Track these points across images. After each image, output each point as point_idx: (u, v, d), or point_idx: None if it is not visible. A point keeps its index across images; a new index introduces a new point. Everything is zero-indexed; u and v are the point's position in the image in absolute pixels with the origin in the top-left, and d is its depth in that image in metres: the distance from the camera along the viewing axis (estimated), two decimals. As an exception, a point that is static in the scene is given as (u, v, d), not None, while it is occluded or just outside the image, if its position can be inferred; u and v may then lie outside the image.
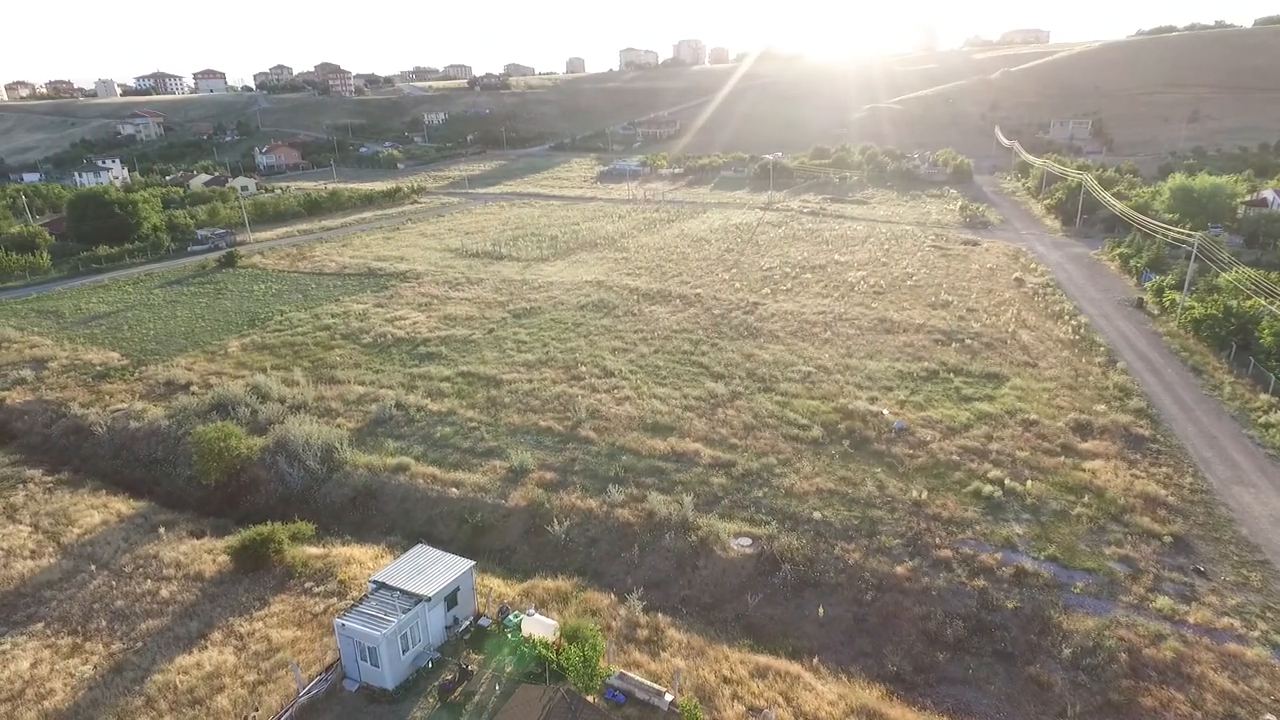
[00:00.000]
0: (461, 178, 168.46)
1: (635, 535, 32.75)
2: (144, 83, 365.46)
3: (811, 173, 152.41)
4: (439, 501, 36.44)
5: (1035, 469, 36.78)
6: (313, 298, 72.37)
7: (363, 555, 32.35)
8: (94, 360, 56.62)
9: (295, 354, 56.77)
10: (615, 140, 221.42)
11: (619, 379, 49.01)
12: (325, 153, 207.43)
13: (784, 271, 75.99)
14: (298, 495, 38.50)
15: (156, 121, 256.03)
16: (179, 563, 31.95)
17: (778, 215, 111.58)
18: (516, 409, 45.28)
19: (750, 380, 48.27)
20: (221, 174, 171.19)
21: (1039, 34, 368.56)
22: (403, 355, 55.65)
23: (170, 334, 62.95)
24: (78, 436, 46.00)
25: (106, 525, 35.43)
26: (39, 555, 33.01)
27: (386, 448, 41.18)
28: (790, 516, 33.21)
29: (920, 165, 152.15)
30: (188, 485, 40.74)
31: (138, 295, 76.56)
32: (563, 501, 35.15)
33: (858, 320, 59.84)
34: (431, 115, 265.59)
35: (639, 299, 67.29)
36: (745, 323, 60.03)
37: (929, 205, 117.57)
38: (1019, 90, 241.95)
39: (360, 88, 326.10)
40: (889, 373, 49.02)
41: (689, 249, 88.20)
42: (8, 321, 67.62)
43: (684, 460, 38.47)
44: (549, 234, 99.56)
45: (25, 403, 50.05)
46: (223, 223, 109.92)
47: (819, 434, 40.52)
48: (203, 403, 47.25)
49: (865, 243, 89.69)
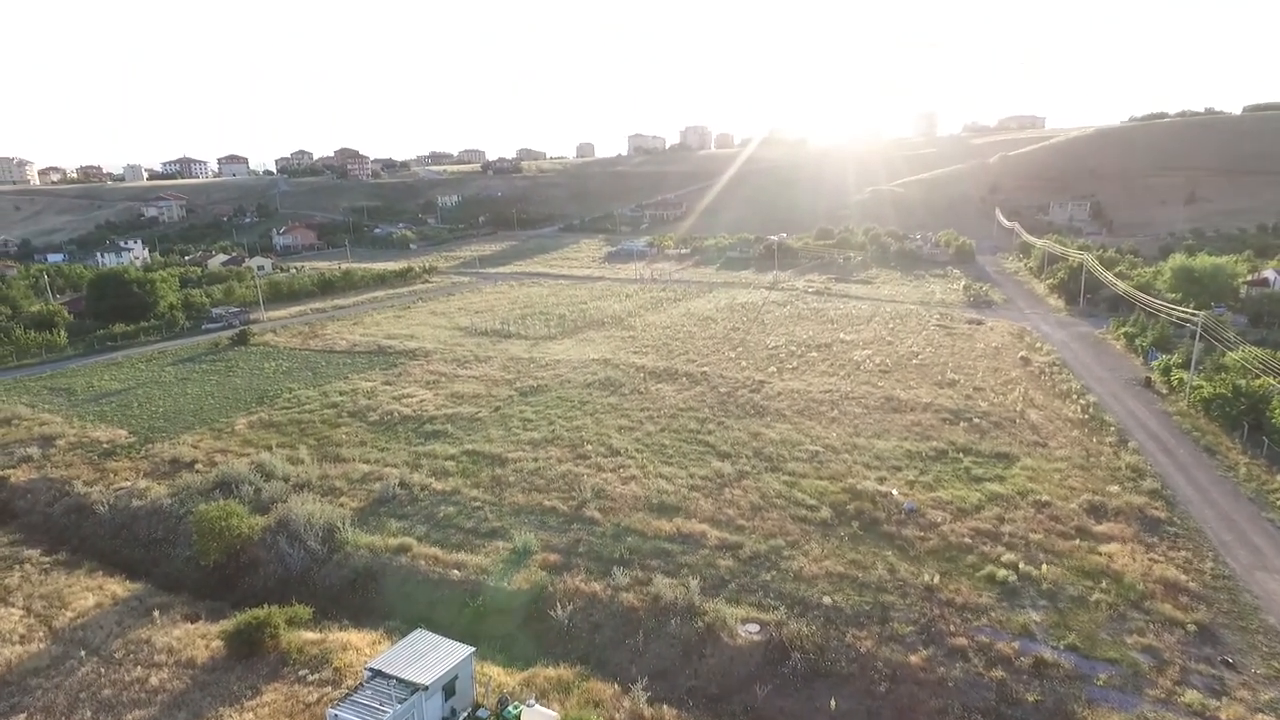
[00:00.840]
0: (473, 258, 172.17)
1: (640, 621, 31.83)
2: (170, 167, 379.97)
3: (816, 253, 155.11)
4: (440, 584, 35.68)
5: (1050, 552, 35.88)
6: (322, 375, 72.94)
7: (360, 641, 31.47)
8: (101, 438, 56.76)
9: (301, 432, 56.81)
10: (623, 221, 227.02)
11: (625, 458, 48.68)
12: (341, 233, 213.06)
13: (790, 350, 76.39)
14: (297, 577, 37.80)
15: (179, 204, 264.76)
16: (171, 648, 31.11)
17: (783, 294, 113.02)
18: (521, 488, 44.85)
19: (757, 459, 47.85)
20: (239, 254, 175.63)
21: (1034, 120, 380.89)
22: (408, 433, 55.60)
23: (179, 411, 63.26)
24: (79, 515, 45.67)
25: (100, 608, 34.73)
26: (29, 640, 32.25)
27: (389, 528, 40.65)
28: (799, 601, 32.30)
29: (923, 246, 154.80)
30: (186, 566, 40.11)
31: (150, 373, 77.37)
32: (566, 585, 34.36)
33: (864, 399, 59.70)
34: (445, 197, 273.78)
35: (645, 377, 67.52)
36: (752, 401, 59.97)
37: (933, 285, 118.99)
38: (1017, 174, 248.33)
39: (377, 171, 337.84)
40: (897, 452, 48.56)
41: (695, 327, 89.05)
42: (20, 399, 68.24)
43: (690, 541, 37.76)
44: (557, 313, 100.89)
45: (29, 481, 49.96)
46: (238, 301, 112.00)
47: (828, 515, 39.85)
48: (206, 481, 47.04)
49: (870, 322, 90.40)
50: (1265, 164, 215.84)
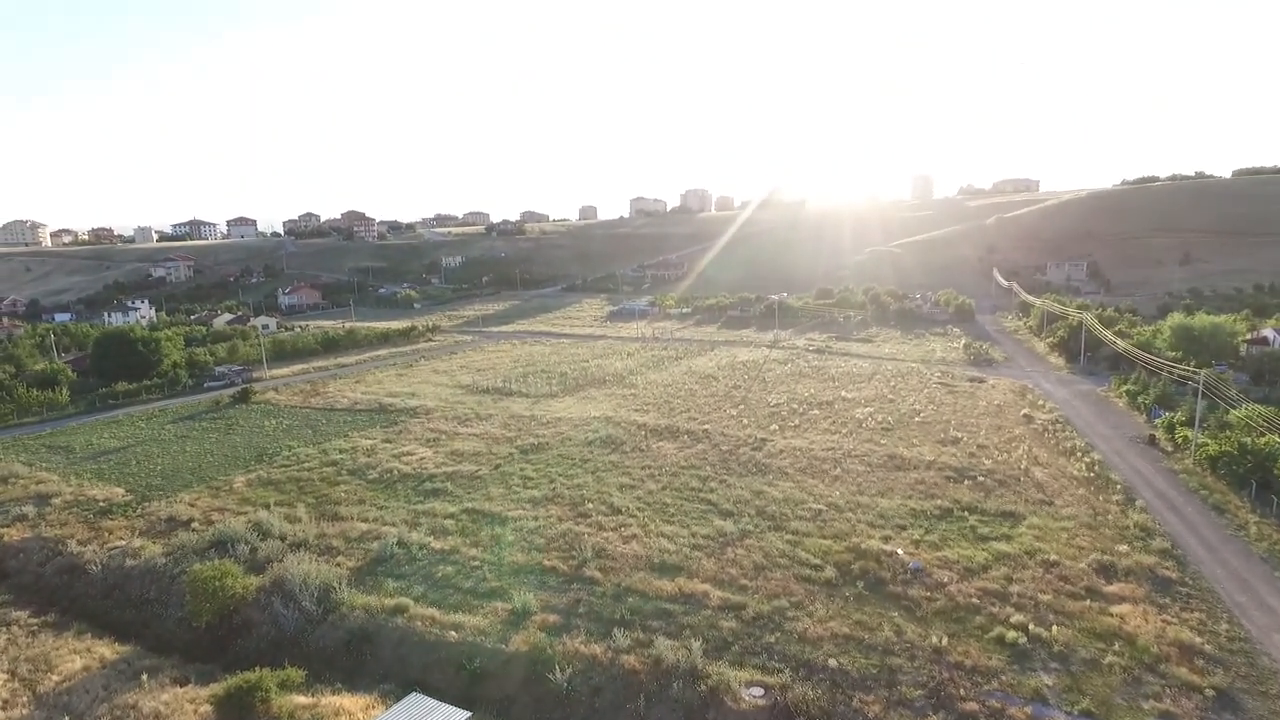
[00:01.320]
0: (476, 316, 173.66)
1: (641, 684, 30.93)
2: (180, 229, 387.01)
3: (816, 312, 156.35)
4: (437, 646, 34.82)
5: (1060, 613, 35.07)
6: (322, 433, 72.73)
7: (353, 705, 30.54)
8: (98, 496, 56.30)
9: (300, 490, 56.36)
10: (625, 281, 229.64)
11: (626, 516, 48.11)
12: (346, 293, 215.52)
13: (791, 408, 76.26)
14: (291, 638, 36.95)
15: (187, 265, 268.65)
16: (158, 714, 30.21)
17: (784, 353, 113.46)
18: (520, 547, 44.20)
19: (760, 518, 47.26)
20: (244, 313, 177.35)
21: (1029, 183, 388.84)
22: (408, 491, 55.13)
23: (177, 470, 62.89)
24: (70, 575, 44.96)
25: (88, 672, 33.87)
26: (11, 706, 31.36)
27: (386, 588, 39.91)
28: (804, 664, 31.44)
29: (923, 305, 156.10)
30: (177, 627, 39.27)
31: (150, 430, 77.23)
32: (566, 647, 33.51)
33: (867, 457, 59.31)
34: (449, 258, 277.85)
35: (647, 435, 67.26)
36: (754, 459, 59.58)
37: (933, 343, 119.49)
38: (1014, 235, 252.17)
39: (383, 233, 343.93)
40: (901, 511, 47.97)
41: (697, 386, 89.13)
42: (18, 457, 67.95)
43: (692, 602, 36.99)
44: (559, 371, 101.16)
45: (22, 540, 49.36)
46: (241, 360, 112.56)
47: (832, 575, 39.13)
48: (202, 540, 46.45)
49: (871, 380, 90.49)
50: (1258, 225, 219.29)
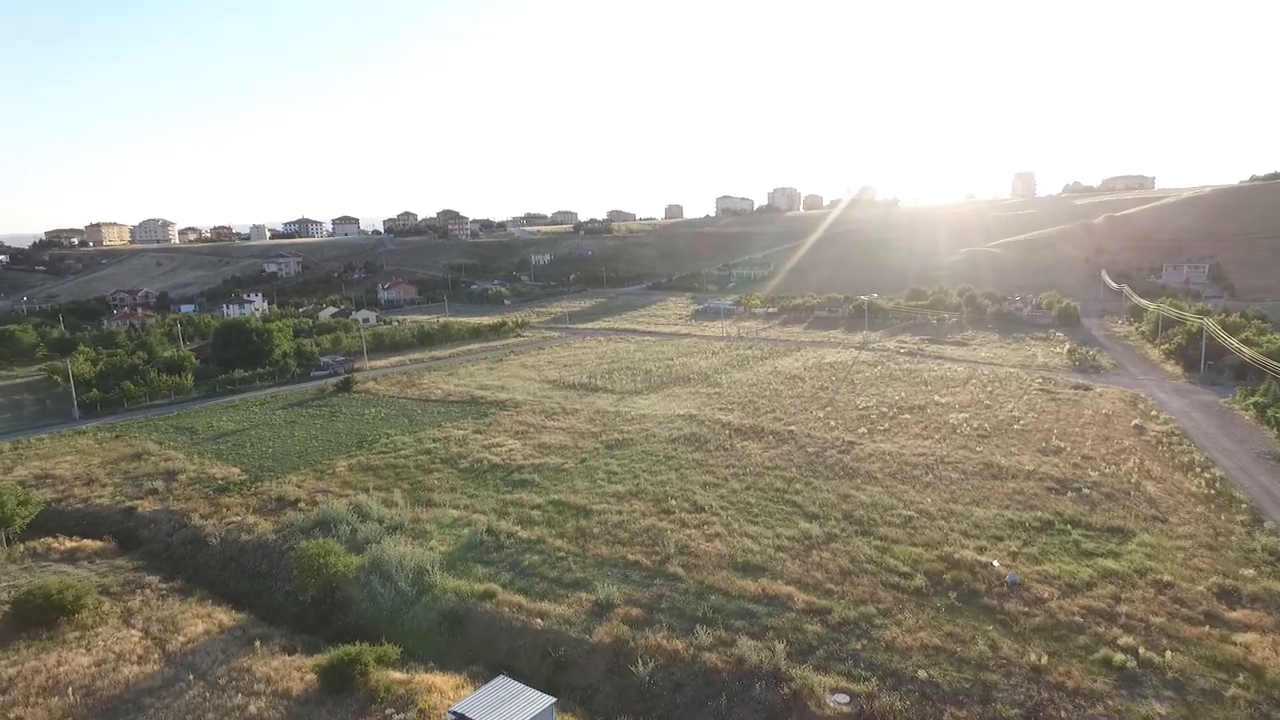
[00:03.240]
0: (563, 313, 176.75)
1: (723, 683, 30.93)
2: (290, 227, 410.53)
3: (907, 314, 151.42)
4: (523, 632, 35.85)
5: (1175, 638, 32.85)
6: (418, 423, 75.82)
7: (444, 684, 31.84)
8: (217, 475, 60.60)
9: (396, 476, 58.99)
10: (710, 280, 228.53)
11: (709, 514, 48.10)
12: (440, 289, 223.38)
13: (881, 411, 74.24)
14: (386, 617, 38.78)
15: (296, 261, 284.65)
16: (269, 678, 32.35)
17: (873, 355, 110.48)
18: (605, 540, 44.89)
19: (847, 522, 46.32)
20: (347, 307, 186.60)
21: (1143, 180, 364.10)
22: (497, 481, 56.84)
23: (286, 452, 66.91)
24: (194, 546, 48.66)
25: (209, 635, 36.59)
26: (145, 661, 34.23)
27: (475, 573, 41.35)
28: (892, 673, 30.66)
29: (1023, 308, 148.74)
30: (285, 600, 41.87)
31: (262, 415, 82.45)
32: (648, 641, 33.86)
33: (961, 464, 57.13)
34: (538, 256, 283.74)
35: (731, 434, 66.93)
36: (841, 462, 58.39)
37: (1033, 348, 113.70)
38: (1125, 235, 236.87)
39: (475, 232, 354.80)
40: (998, 521, 46.00)
41: (782, 386, 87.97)
42: (150, 436, 73.94)
43: (776, 604, 36.67)
44: (643, 368, 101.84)
45: (154, 512, 53.71)
46: (344, 351, 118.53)
47: (922, 583, 37.98)
48: (308, 519, 49.34)
49: (967, 384, 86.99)
50: None
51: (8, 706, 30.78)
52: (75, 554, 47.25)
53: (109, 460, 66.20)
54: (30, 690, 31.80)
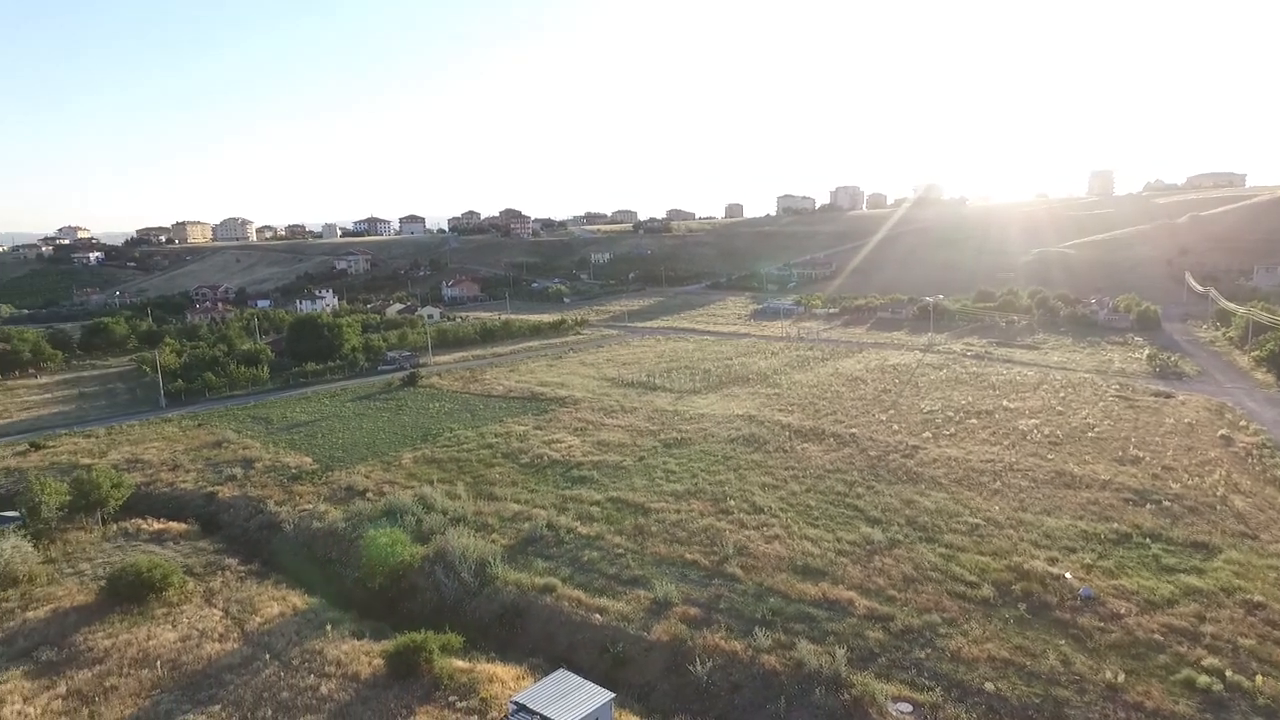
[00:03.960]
0: (621, 312, 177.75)
1: (782, 686, 30.71)
2: (360, 226, 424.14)
3: (975, 315, 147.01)
4: (582, 627, 36.30)
5: (1267, 662, 31.10)
6: (480, 417, 77.41)
7: (505, 675, 32.48)
8: (291, 463, 63.10)
9: (459, 469, 60.39)
10: (770, 280, 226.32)
11: (768, 516, 47.75)
12: (502, 287, 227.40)
13: (946, 415, 72.34)
14: (450, 606, 39.78)
15: (365, 258, 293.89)
16: (339, 661, 33.58)
17: (939, 357, 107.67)
18: (663, 539, 45.05)
19: (910, 528, 45.36)
20: (412, 303, 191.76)
21: (1232, 177, 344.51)
22: (556, 477, 57.62)
23: (355, 444, 69.22)
24: (269, 531, 50.83)
25: (283, 617, 38.18)
26: (225, 639, 35.97)
27: (536, 567, 42.05)
28: (957, 684, 29.93)
29: (1098, 311, 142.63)
30: (354, 586, 43.29)
31: (333, 407, 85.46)
32: (706, 640, 33.86)
33: (1031, 472, 55.23)
34: (598, 255, 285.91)
35: (791, 436, 66.25)
36: (904, 466, 57.18)
37: (1110, 353, 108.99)
38: (1213, 235, 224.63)
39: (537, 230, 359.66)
40: (1071, 532, 44.33)
41: (844, 388, 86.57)
42: (229, 425, 77.51)
43: (836, 608, 36.20)
44: (702, 367, 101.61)
45: (233, 497, 56.33)
46: (410, 346, 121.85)
47: (990, 594, 36.91)
48: (375, 509, 50.95)
49: (1037, 389, 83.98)
50: None
51: (103, 675, 32.78)
52: (162, 535, 49.90)
53: (192, 447, 69.68)
54: (123, 661, 33.80)
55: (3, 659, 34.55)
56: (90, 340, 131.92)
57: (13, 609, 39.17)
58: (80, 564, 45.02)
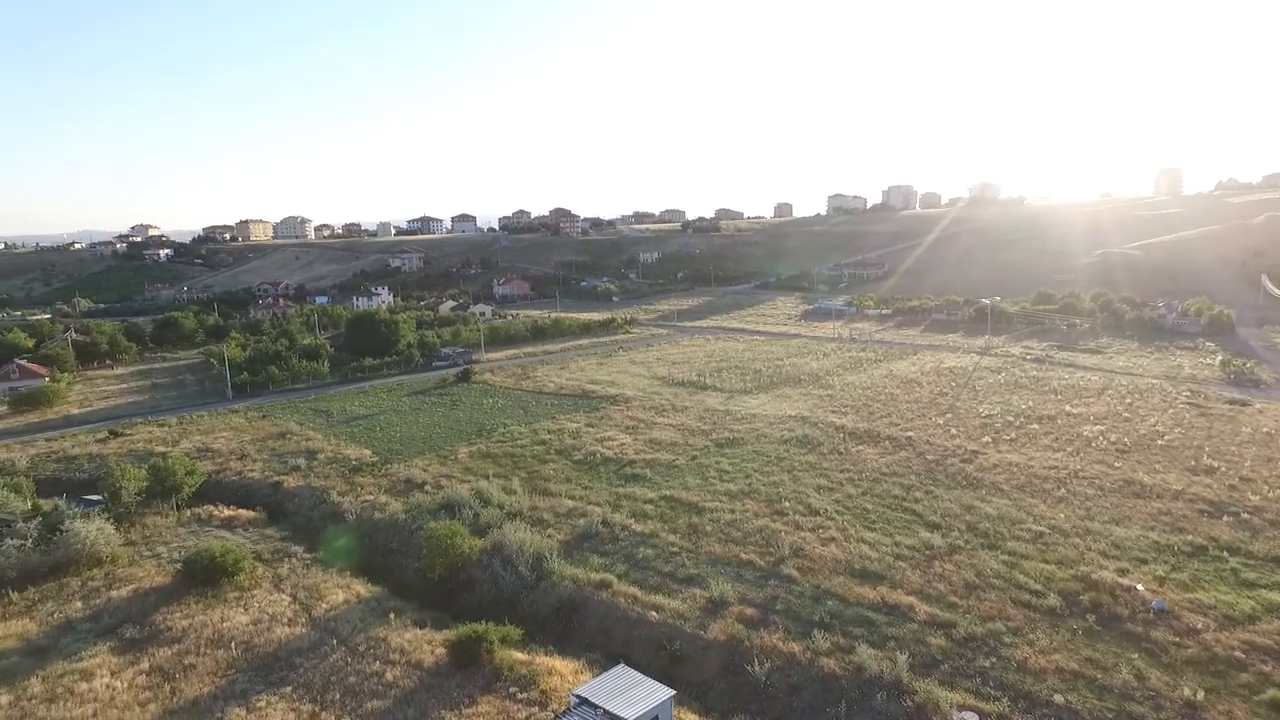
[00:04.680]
0: (670, 311, 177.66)
1: (842, 690, 30.43)
2: (413, 224, 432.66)
3: (1035, 318, 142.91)
4: (638, 624, 36.53)
5: (1356, 684, 29.63)
6: (532, 414, 78.35)
7: (563, 668, 32.92)
8: (351, 456, 64.86)
9: (514, 464, 61.25)
10: (820, 280, 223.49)
11: (824, 518, 47.30)
12: (551, 285, 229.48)
13: (1006, 420, 70.53)
14: (507, 599, 40.45)
15: (418, 256, 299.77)
16: (403, 649, 34.46)
17: (997, 360, 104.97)
18: (717, 538, 45.02)
19: (971, 534, 44.42)
20: (465, 301, 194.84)
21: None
22: (610, 474, 58.00)
23: (412, 437, 70.75)
24: (333, 521, 52.35)
25: (348, 604, 39.34)
26: (294, 623, 37.23)
27: (591, 563, 42.45)
28: (1025, 695, 29.24)
29: (1166, 314, 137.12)
30: (414, 576, 44.31)
31: (390, 401, 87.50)
32: (764, 641, 33.76)
33: (1098, 480, 53.50)
34: (646, 254, 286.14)
35: (845, 438, 65.43)
36: (963, 471, 55.98)
37: (1179, 358, 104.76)
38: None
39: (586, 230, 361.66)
40: (1141, 543, 42.84)
41: (898, 390, 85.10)
42: (292, 417, 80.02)
43: (896, 613, 35.70)
44: (753, 368, 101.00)
45: (297, 487, 58.17)
46: (463, 343, 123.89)
47: (1056, 603, 35.95)
48: (434, 502, 52.06)
49: (1102, 395, 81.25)
50: None
51: (182, 654, 34.29)
52: (232, 521, 51.86)
53: (258, 438, 72.16)
54: (200, 641, 35.29)
55: (91, 634, 36.45)
56: (161, 334, 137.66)
57: (98, 587, 41.26)
58: (158, 547, 47.12)
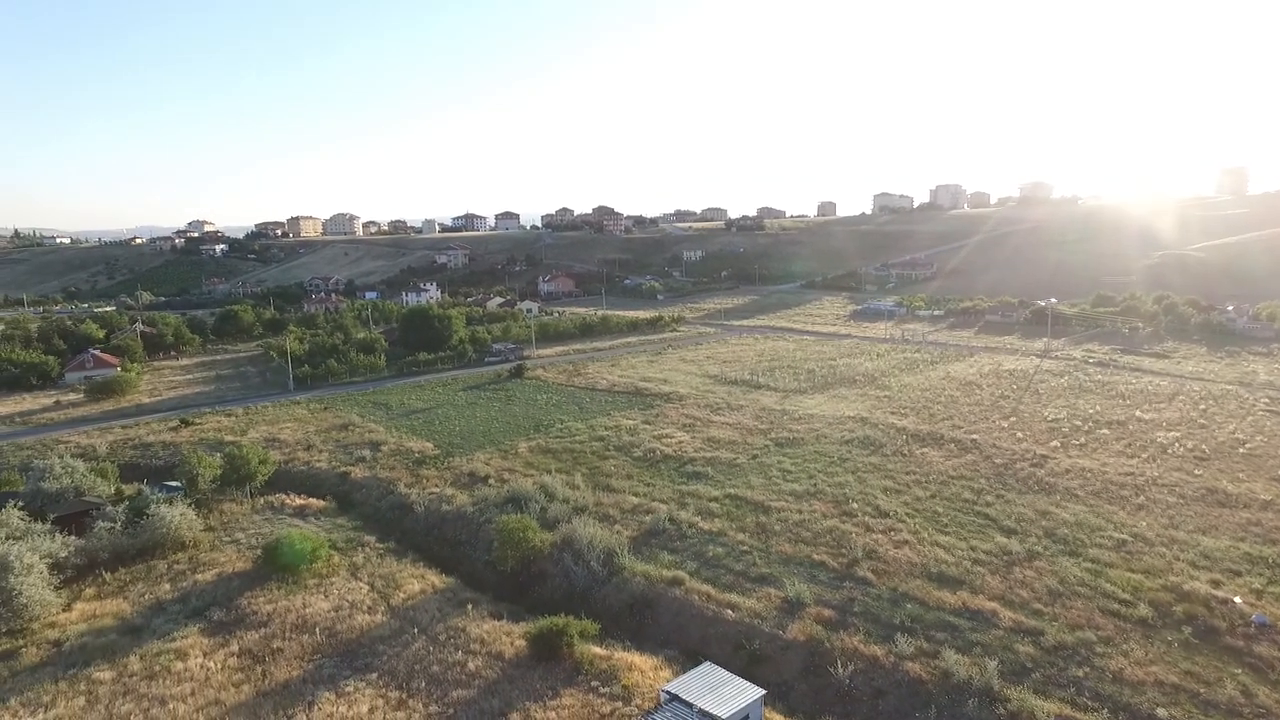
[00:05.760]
0: (716, 310, 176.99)
1: (930, 695, 29.89)
2: (457, 221, 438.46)
3: (1093, 321, 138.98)
4: (714, 621, 36.38)
5: None
6: (587, 411, 78.64)
7: (642, 664, 32.92)
8: (414, 448, 65.84)
9: (574, 460, 61.52)
10: (868, 280, 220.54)
11: (894, 520, 46.56)
12: (595, 282, 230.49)
13: (1074, 425, 68.65)
14: (579, 593, 40.61)
15: (464, 253, 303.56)
16: (483, 640, 34.83)
17: (1057, 364, 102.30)
18: (787, 538, 44.62)
19: (1049, 540, 43.30)
20: (512, 297, 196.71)
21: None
22: (670, 472, 57.92)
23: (471, 432, 71.57)
24: (401, 512, 53.23)
25: (424, 594, 39.92)
26: (373, 611, 37.90)
27: (661, 559, 42.42)
28: (1124, 707, 28.37)
29: (1235, 319, 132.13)
30: (484, 569, 44.82)
31: (446, 396, 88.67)
32: (844, 643, 33.36)
33: (1178, 488, 51.73)
34: (690, 252, 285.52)
35: (907, 440, 64.35)
36: (1034, 476, 54.63)
37: (1253, 364, 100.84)
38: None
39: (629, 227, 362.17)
40: (1232, 554, 41.28)
41: (958, 393, 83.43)
42: (353, 409, 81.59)
43: (978, 619, 34.95)
44: (805, 367, 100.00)
45: (364, 478, 59.27)
46: (513, 339, 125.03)
47: (1147, 614, 34.83)
48: (499, 495, 52.52)
49: (1173, 400, 78.60)
50: None
51: (269, 638, 35.16)
52: (304, 510, 53.01)
53: (321, 429, 73.72)
54: (285, 626, 36.15)
55: (180, 615, 37.60)
56: (221, 326, 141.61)
57: (184, 570, 42.56)
58: (235, 533, 48.42)
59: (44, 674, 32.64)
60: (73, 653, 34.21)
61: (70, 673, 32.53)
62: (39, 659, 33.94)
